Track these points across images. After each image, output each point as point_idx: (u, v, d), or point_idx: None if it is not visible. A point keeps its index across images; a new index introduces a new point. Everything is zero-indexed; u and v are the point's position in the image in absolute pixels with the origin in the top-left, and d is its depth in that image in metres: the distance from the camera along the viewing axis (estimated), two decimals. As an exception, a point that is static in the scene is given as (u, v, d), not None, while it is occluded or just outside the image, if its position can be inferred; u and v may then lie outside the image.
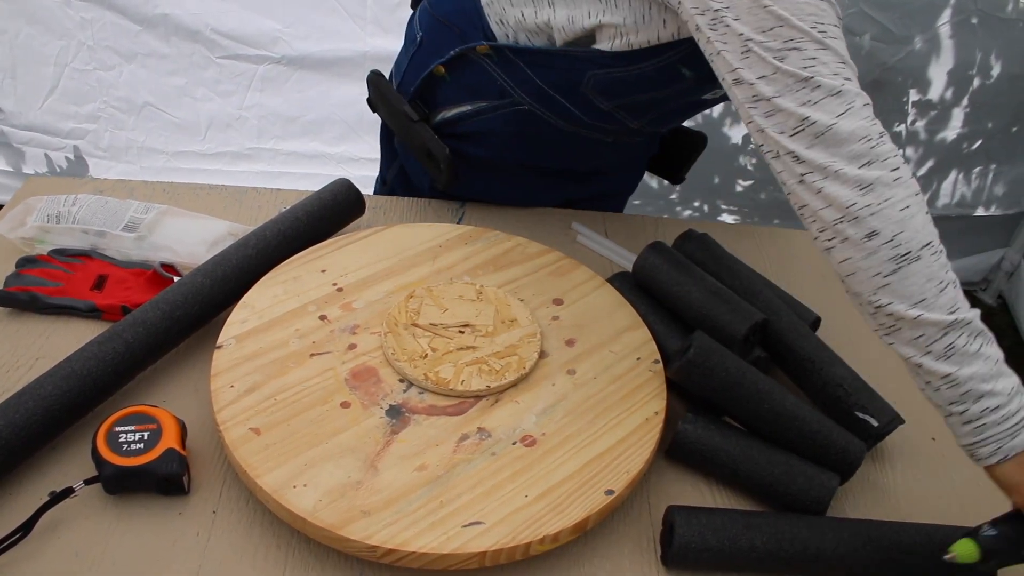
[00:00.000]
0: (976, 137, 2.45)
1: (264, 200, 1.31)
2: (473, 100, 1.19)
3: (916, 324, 0.81)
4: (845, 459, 0.94)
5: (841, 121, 0.80)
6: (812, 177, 0.82)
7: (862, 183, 0.80)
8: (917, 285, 0.81)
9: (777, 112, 0.83)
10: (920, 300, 0.81)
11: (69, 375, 0.90)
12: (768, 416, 0.95)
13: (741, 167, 2.51)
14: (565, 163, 1.29)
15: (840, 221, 0.82)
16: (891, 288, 0.82)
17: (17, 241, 1.15)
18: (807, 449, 0.94)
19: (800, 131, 0.82)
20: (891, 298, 0.82)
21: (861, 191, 0.80)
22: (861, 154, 0.80)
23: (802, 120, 0.81)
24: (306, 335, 1.00)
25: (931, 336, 0.81)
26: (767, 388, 0.95)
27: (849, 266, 0.84)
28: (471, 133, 1.22)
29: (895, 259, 0.81)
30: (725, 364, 0.95)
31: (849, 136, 0.80)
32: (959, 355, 0.80)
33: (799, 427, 0.94)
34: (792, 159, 0.83)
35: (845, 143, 0.80)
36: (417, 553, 0.78)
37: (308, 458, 0.86)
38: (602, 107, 1.11)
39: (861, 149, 0.80)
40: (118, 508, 0.86)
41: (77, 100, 2.42)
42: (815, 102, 0.81)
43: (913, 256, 0.81)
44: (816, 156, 0.82)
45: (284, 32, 2.26)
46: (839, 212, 0.82)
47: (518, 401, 0.95)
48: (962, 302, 0.81)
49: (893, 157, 0.81)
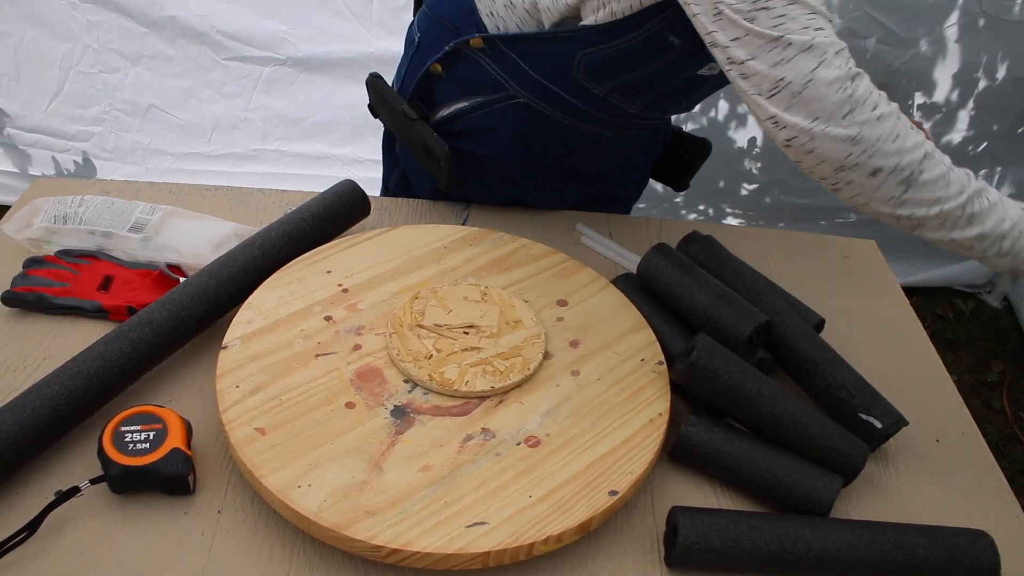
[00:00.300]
0: (981, 139, 2.45)
1: (269, 201, 1.32)
2: (469, 96, 1.20)
3: (938, 217, 0.89)
4: (847, 462, 0.94)
5: (815, 76, 0.81)
6: (799, 141, 0.84)
7: (850, 136, 0.83)
8: (929, 191, 0.86)
9: (753, 74, 0.84)
10: (935, 200, 0.86)
11: (75, 375, 0.91)
12: (770, 419, 0.95)
13: (746, 171, 2.51)
14: (566, 161, 1.29)
15: (840, 170, 0.85)
16: (906, 203, 0.88)
17: (24, 242, 1.15)
18: (810, 452, 0.94)
19: (776, 92, 0.83)
20: (909, 210, 0.87)
21: (852, 143, 0.83)
22: (840, 104, 0.82)
23: (777, 81, 0.83)
24: (311, 336, 1.00)
25: (954, 217, 0.89)
26: (769, 391, 0.95)
27: (861, 199, 0.89)
28: (469, 130, 1.23)
29: (903, 183, 0.85)
30: (728, 367, 0.95)
31: (826, 90, 0.82)
32: (981, 215, 0.89)
33: (801, 430, 0.94)
34: (773, 125, 0.86)
35: (823, 97, 0.82)
36: (421, 553, 0.79)
37: (313, 458, 0.86)
38: (596, 92, 1.12)
39: (839, 99, 0.83)
40: (124, 508, 0.86)
41: (82, 103, 2.43)
42: (788, 60, 0.82)
43: (917, 172, 0.85)
44: (797, 119, 0.84)
45: (289, 34, 2.27)
46: (836, 164, 0.85)
47: (522, 402, 0.95)
48: (966, 176, 0.88)
49: (871, 95, 0.84)
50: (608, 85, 1.10)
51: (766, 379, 0.97)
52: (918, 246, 2.65)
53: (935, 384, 1.15)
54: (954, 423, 1.09)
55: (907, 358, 1.18)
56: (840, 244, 1.40)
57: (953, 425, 1.08)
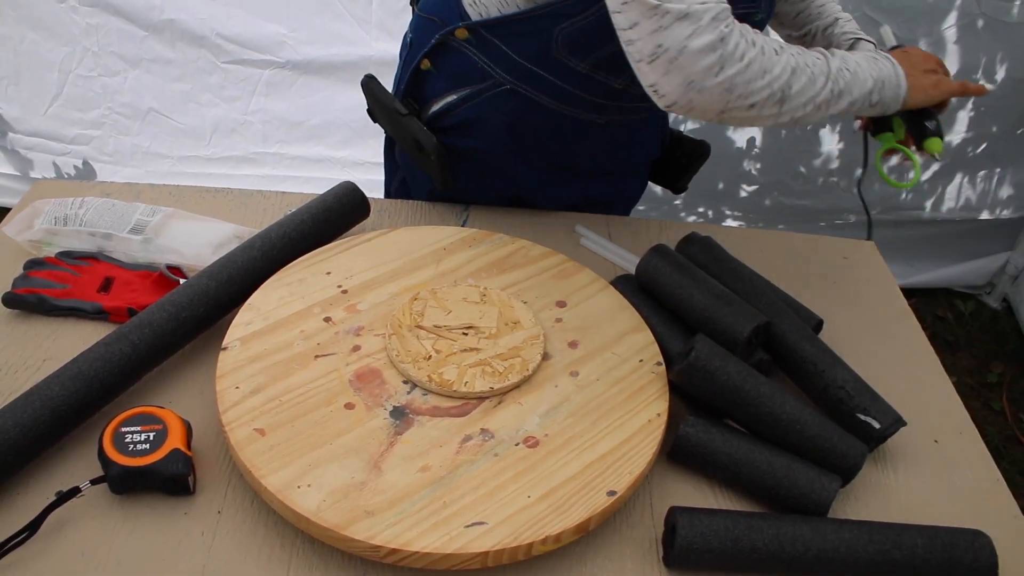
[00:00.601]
0: (981, 140, 2.46)
1: (269, 203, 1.32)
2: (458, 88, 1.21)
3: (815, 110, 0.99)
4: (845, 463, 0.94)
5: (689, 43, 0.87)
6: (678, 105, 0.93)
7: (724, 88, 0.91)
8: (800, 97, 0.96)
9: (636, 40, 0.89)
10: (808, 100, 0.97)
11: (76, 376, 0.91)
12: (769, 419, 0.95)
13: (746, 172, 2.52)
14: (560, 154, 1.29)
15: (721, 113, 0.94)
16: (785, 113, 0.97)
17: (25, 244, 1.16)
18: (808, 452, 0.94)
19: (656, 58, 0.89)
20: (788, 116, 0.97)
21: (726, 92, 0.91)
22: (712, 65, 0.89)
23: (656, 47, 0.88)
24: (311, 337, 1.00)
25: (826, 102, 0.99)
26: (768, 392, 0.96)
27: (746, 124, 1.01)
28: (460, 124, 1.24)
29: (777, 103, 0.95)
30: (727, 367, 0.96)
31: (698, 56, 0.88)
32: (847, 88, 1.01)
33: (800, 430, 0.94)
34: (654, 92, 0.93)
35: (695, 63, 0.88)
36: (420, 553, 0.79)
37: (312, 459, 0.86)
38: (579, 69, 1.12)
39: (711, 62, 0.88)
40: (124, 508, 0.86)
41: (82, 106, 2.43)
42: (665, 28, 0.86)
43: (787, 89, 0.94)
44: (674, 84, 0.90)
45: (289, 37, 2.27)
46: (716, 111, 0.94)
47: (521, 403, 0.96)
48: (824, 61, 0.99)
49: (740, 45, 0.90)
50: (589, 60, 1.11)
51: (764, 379, 0.97)
52: (917, 247, 2.66)
53: (933, 384, 1.15)
54: (952, 423, 1.09)
55: (905, 359, 1.18)
56: (839, 245, 1.40)
57: (951, 425, 1.08)
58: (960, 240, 2.67)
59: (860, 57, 1.05)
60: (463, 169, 1.26)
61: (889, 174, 1.25)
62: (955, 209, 2.59)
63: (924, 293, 2.79)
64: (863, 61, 1.04)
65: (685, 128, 2.39)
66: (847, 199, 2.55)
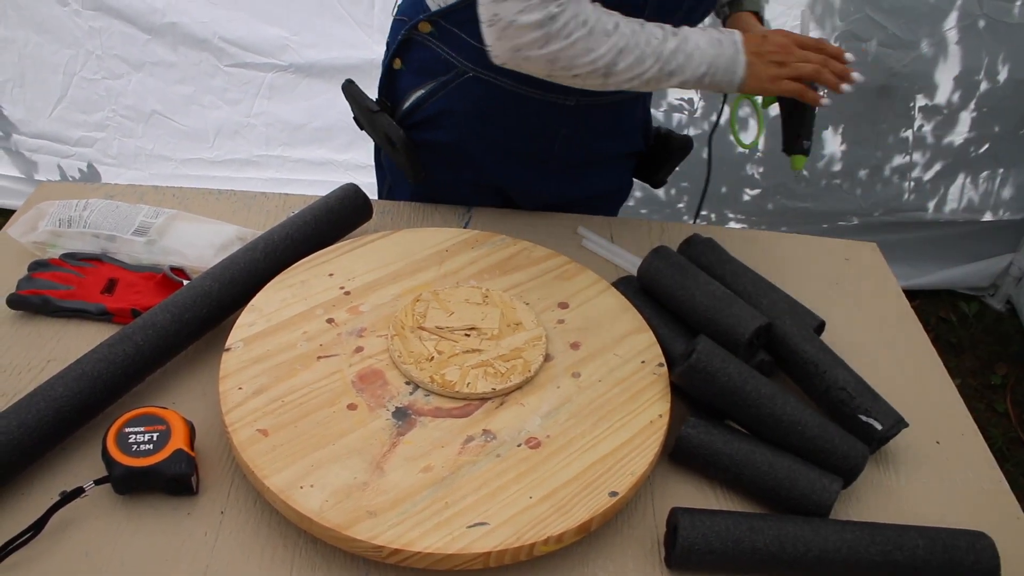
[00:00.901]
0: (983, 141, 2.46)
1: (272, 205, 1.33)
2: (425, 82, 1.24)
3: (643, 84, 1.07)
4: (846, 464, 0.94)
5: (517, 18, 0.98)
6: (507, 65, 1.05)
7: (548, 59, 1.02)
8: (626, 73, 1.04)
9: (480, 5, 1.01)
10: (634, 76, 1.05)
11: (80, 377, 0.92)
12: (770, 421, 0.95)
13: (748, 176, 2.52)
14: (531, 143, 1.29)
15: (549, 77, 1.06)
16: (610, 84, 1.06)
17: (29, 245, 1.16)
18: (809, 453, 0.94)
19: (492, 24, 1.01)
20: (615, 85, 1.06)
21: (551, 63, 1.02)
22: (537, 39, 1.00)
23: (493, 15, 1.00)
24: (313, 338, 1.01)
25: (656, 79, 1.07)
26: (769, 393, 0.96)
27: (599, 89, 1.08)
28: (430, 118, 1.26)
29: (601, 75, 1.04)
30: (728, 369, 0.96)
31: (524, 30, 0.99)
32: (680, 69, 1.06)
33: (801, 432, 0.95)
34: (489, 51, 1.04)
35: (522, 35, 0.99)
36: (422, 553, 0.79)
37: (315, 459, 0.86)
38: None
39: (536, 36, 0.99)
40: (127, 508, 0.87)
41: (86, 109, 2.44)
42: (502, 1, 0.98)
43: (612, 66, 1.03)
44: (504, 49, 1.02)
45: (292, 40, 2.27)
46: (543, 75, 1.06)
47: (523, 403, 0.96)
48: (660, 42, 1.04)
49: (568, 25, 0.99)
50: None
51: (766, 380, 0.97)
52: (920, 249, 2.66)
53: (935, 386, 1.15)
54: (955, 425, 1.09)
55: (908, 360, 1.18)
56: (841, 247, 1.40)
57: (953, 427, 1.08)
58: (963, 242, 2.66)
59: (704, 40, 1.08)
60: (436, 164, 1.28)
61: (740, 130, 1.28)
62: (958, 210, 2.59)
63: (927, 295, 2.79)
64: (704, 43, 1.07)
65: (689, 130, 2.40)
66: (849, 201, 2.55)
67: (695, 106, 2.36)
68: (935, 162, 2.49)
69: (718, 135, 2.38)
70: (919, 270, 2.71)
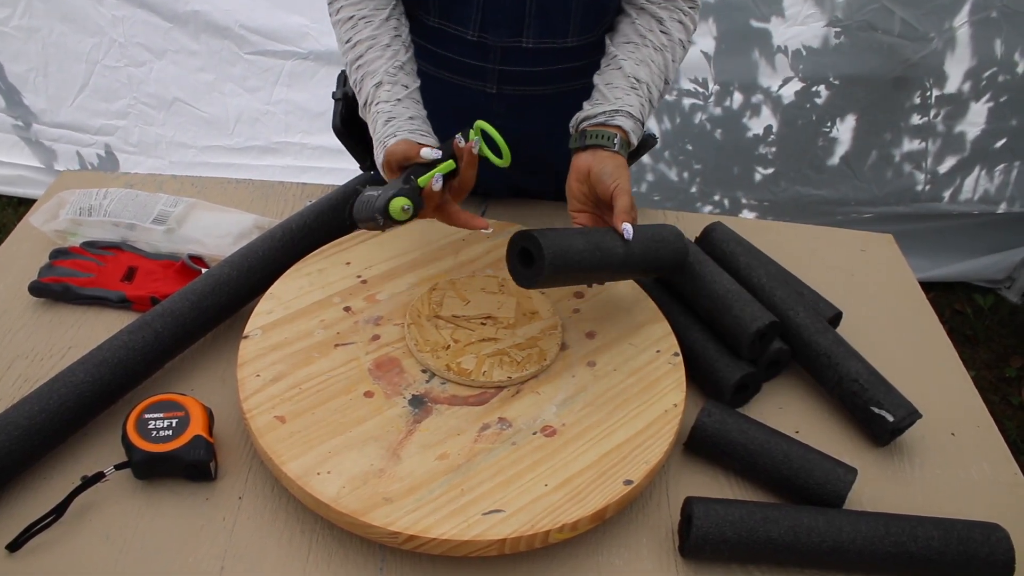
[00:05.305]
0: (999, 133, 2.44)
1: (290, 194, 1.33)
2: None
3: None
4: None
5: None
6: None
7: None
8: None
9: None
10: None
11: (100, 363, 0.93)
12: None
13: (761, 155, 2.50)
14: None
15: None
16: None
17: (50, 234, 1.17)
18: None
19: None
20: None
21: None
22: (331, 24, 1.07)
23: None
24: (331, 326, 1.01)
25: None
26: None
27: None
28: None
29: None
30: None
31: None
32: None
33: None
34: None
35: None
36: (438, 540, 0.80)
37: (332, 446, 0.87)
38: (431, 23, 1.12)
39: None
40: (147, 493, 0.88)
41: (108, 97, 2.45)
42: None
43: None
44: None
45: (311, 28, 2.28)
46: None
47: (539, 392, 0.96)
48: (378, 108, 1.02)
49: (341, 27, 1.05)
50: (434, 10, 1.11)
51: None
52: (936, 241, 2.64)
53: (951, 378, 1.15)
54: (970, 416, 1.09)
55: (923, 351, 1.18)
56: (857, 238, 1.40)
57: (969, 418, 1.08)
58: (979, 233, 2.64)
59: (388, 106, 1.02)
60: None
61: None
62: (973, 202, 2.57)
63: (943, 287, 2.77)
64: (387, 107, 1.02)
65: (698, 116, 2.39)
66: (864, 191, 2.53)
67: (709, 90, 2.35)
68: (950, 153, 2.47)
69: (728, 118, 2.38)
70: (934, 262, 2.70)
